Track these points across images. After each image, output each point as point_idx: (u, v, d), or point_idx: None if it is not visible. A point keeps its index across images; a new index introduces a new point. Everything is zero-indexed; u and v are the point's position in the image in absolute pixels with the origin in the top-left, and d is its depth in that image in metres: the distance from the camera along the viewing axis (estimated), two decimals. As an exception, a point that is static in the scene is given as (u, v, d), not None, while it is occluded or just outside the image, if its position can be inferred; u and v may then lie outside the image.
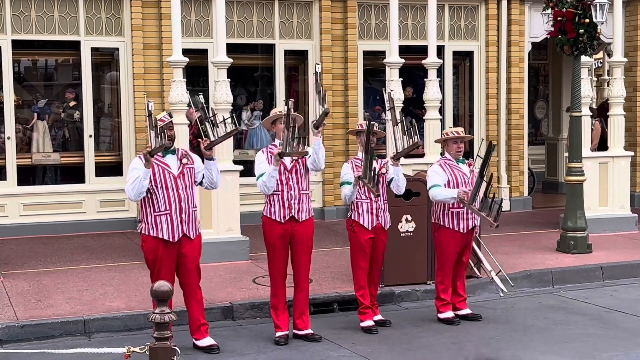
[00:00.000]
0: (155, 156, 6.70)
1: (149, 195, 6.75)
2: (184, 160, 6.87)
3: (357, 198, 7.52)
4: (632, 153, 12.63)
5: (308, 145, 7.14)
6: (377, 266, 7.72)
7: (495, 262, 7.95)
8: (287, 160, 7.09)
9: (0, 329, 7.41)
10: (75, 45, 12.26)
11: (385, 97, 8.24)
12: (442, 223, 7.83)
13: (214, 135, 6.94)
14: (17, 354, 6.83)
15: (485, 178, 7.39)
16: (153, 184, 6.72)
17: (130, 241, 11.44)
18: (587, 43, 10.37)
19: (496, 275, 7.64)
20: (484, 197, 7.46)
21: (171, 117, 7.05)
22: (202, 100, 7.52)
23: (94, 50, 12.38)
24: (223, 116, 7.48)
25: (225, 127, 6.99)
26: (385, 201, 7.64)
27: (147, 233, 6.82)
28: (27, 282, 9.05)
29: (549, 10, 10.64)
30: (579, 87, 10.80)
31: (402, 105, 11.09)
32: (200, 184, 7.05)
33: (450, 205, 7.75)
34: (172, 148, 6.87)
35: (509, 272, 9.40)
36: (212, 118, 7.06)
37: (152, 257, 6.83)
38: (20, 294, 8.54)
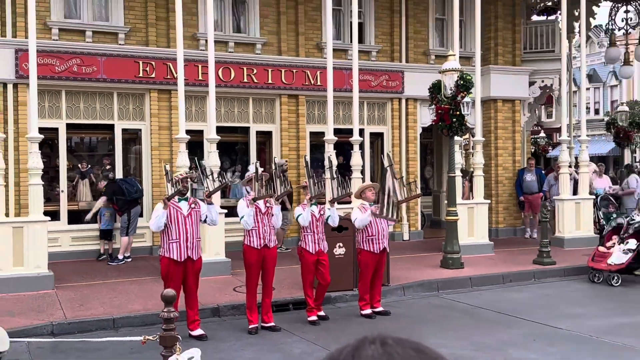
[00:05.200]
0: (172, 201, 6.67)
1: (166, 228, 6.70)
2: (193, 205, 6.84)
3: (303, 231, 7.50)
4: (489, 201, 12.79)
5: (274, 191, 7.16)
6: (324, 279, 7.59)
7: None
8: (262, 206, 7.08)
9: (53, 325, 7.19)
10: (111, 127, 12.09)
11: (326, 162, 8.31)
12: (362, 247, 7.83)
13: (212, 187, 6.96)
14: (65, 342, 6.61)
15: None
16: (169, 220, 6.69)
17: (147, 263, 11.17)
18: (458, 128, 10.61)
19: None
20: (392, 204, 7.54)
21: (187, 173, 7.02)
22: (203, 165, 7.46)
23: (124, 130, 12.21)
24: (220, 174, 7.56)
25: (220, 181, 7.07)
26: (323, 233, 7.64)
27: (163, 254, 6.78)
28: (73, 292, 8.76)
29: (433, 106, 10.89)
30: (454, 157, 11.01)
31: (336, 168, 11.10)
32: (205, 221, 6.98)
33: (367, 234, 7.76)
34: (185, 196, 6.80)
35: (409, 282, 9.43)
36: (210, 176, 7.05)
37: (165, 272, 6.78)
38: (68, 300, 8.26)
